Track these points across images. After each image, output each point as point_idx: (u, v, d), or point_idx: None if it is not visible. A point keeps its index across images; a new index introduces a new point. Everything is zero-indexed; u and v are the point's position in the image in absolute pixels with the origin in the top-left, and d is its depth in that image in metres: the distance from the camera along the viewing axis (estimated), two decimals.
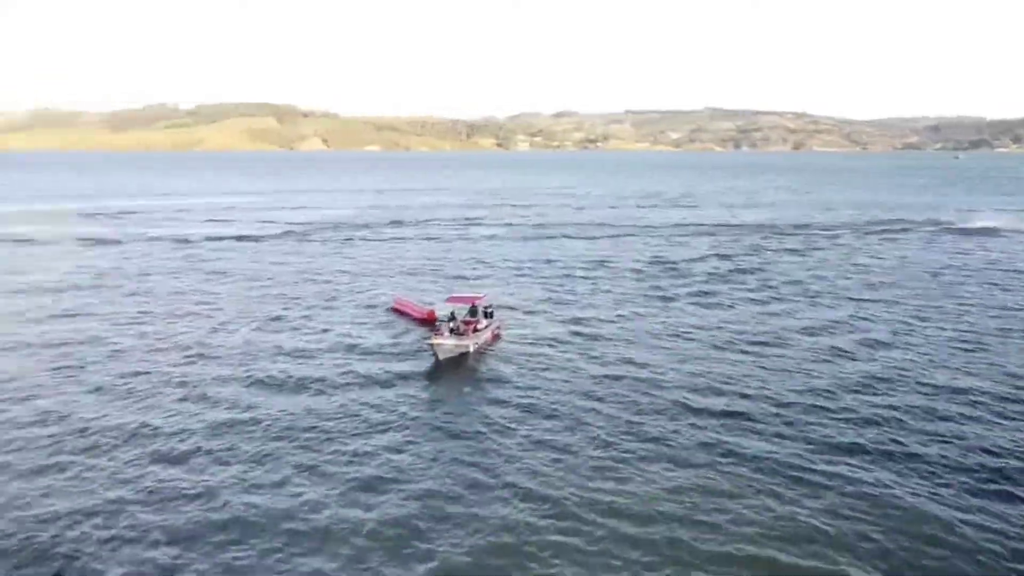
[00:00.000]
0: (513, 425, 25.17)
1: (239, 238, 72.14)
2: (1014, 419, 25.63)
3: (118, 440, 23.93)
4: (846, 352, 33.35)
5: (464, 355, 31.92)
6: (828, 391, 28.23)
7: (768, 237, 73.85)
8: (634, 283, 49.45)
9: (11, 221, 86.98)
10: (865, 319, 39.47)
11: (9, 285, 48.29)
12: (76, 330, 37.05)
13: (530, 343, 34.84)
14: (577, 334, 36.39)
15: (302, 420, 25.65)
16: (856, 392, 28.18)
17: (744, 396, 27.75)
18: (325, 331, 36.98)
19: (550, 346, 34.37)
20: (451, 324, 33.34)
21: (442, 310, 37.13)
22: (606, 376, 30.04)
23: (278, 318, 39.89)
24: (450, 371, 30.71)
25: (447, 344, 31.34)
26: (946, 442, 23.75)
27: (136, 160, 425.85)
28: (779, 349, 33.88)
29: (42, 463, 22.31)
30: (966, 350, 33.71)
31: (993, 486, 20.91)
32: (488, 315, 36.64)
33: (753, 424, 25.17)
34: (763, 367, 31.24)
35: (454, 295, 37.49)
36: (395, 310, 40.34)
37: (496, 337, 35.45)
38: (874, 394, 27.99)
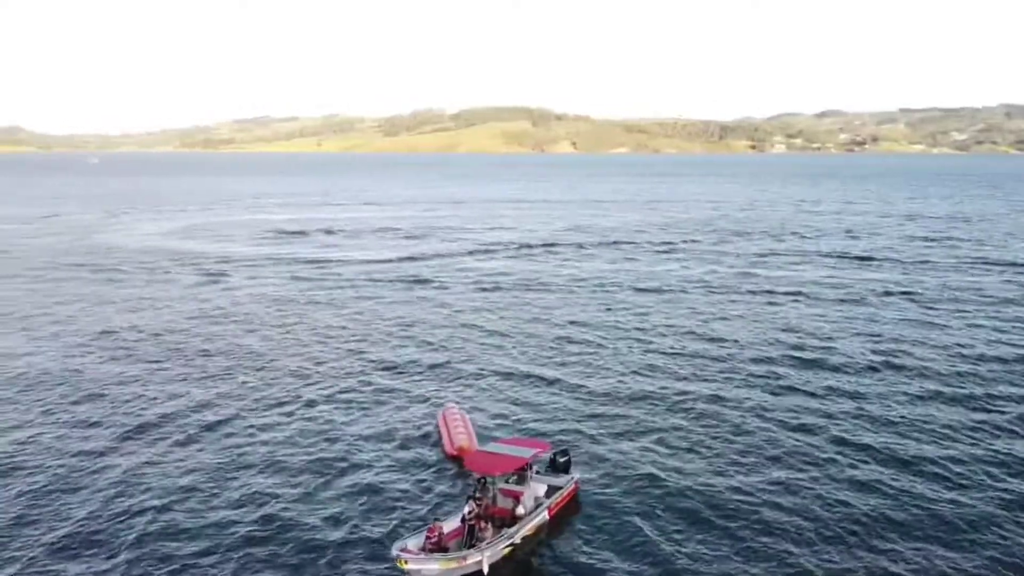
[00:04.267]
0: None
1: (373, 262, 63.44)
2: None
3: None
4: None
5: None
6: None
7: None
8: (838, 417, 30.57)
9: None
10: None
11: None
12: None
13: (631, 530, 20.19)
14: (721, 514, 21.06)
15: None
16: None
17: None
18: (338, 459, 25.12)
19: (657, 535, 19.65)
20: (469, 506, 19.23)
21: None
22: None
23: (306, 403, 29.09)
24: None
25: (429, 570, 17.08)
26: None
27: (392, 162, 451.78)
28: None
29: None
30: None
31: None
32: (562, 467, 22.50)
33: None
34: None
35: (485, 451, 21.28)
36: (440, 426, 27.07)
37: (567, 506, 21.14)
38: None
